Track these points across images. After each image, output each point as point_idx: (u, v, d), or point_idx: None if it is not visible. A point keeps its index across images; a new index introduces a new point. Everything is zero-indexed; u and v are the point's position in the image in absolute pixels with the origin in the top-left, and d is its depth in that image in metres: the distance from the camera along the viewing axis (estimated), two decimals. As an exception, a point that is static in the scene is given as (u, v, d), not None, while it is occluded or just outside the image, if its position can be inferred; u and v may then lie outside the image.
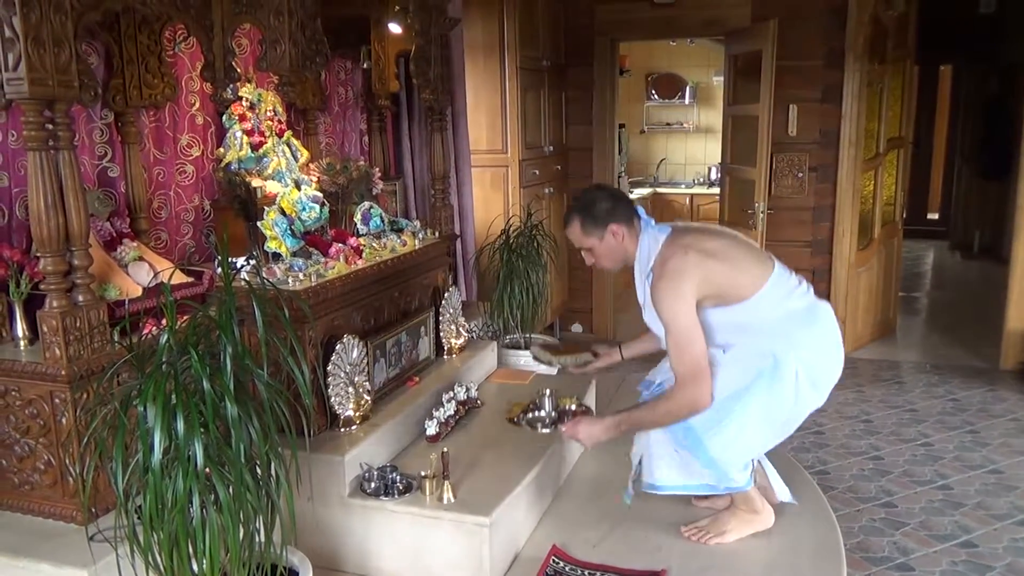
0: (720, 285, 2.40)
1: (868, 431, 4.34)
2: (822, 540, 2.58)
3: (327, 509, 2.48)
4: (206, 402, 1.69)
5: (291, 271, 2.64)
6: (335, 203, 3.24)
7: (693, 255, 2.40)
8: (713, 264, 2.39)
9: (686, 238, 2.47)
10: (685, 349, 2.34)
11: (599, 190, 2.59)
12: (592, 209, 2.52)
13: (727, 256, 2.43)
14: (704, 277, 2.38)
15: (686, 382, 2.35)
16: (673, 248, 2.44)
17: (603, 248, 2.54)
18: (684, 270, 2.37)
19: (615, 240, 2.52)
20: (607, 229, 2.51)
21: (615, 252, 2.54)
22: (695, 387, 2.34)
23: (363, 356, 2.75)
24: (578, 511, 2.77)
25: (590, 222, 2.52)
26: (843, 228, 5.44)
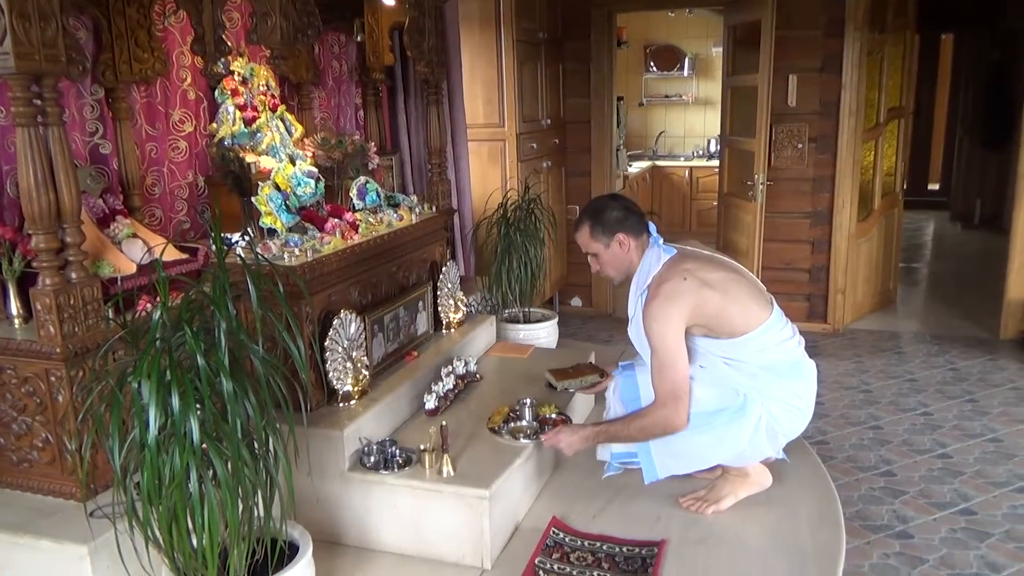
0: (711, 317, 2.42)
1: (868, 401, 4.35)
2: (822, 509, 2.59)
3: (327, 483, 2.48)
4: (201, 378, 1.69)
5: (287, 247, 2.63)
6: (331, 178, 3.22)
7: (691, 282, 2.41)
8: (709, 295, 2.40)
9: (688, 263, 2.48)
10: (667, 371, 2.38)
11: (613, 199, 2.63)
12: (602, 216, 2.55)
13: (726, 290, 2.44)
14: (697, 305, 2.40)
15: (665, 402, 2.40)
16: (673, 271, 2.46)
17: (608, 255, 2.58)
18: (678, 294, 2.39)
19: (620, 250, 2.55)
20: (614, 237, 2.54)
21: (619, 261, 2.58)
22: (673, 408, 2.39)
23: (361, 331, 2.75)
24: (577, 483, 2.78)
25: (598, 228, 2.55)
26: (843, 199, 5.41)
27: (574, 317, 6.08)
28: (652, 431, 2.44)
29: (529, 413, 2.80)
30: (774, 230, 5.48)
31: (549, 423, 2.77)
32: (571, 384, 3.04)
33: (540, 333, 4.06)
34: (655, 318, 2.39)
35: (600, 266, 2.63)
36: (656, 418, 2.41)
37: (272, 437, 1.83)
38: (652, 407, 2.43)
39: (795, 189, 5.50)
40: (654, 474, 2.54)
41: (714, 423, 2.44)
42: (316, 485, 2.48)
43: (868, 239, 5.76)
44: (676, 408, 2.38)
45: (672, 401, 2.38)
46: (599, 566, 2.32)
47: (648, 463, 2.54)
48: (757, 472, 2.62)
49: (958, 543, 2.99)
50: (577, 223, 2.62)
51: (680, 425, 2.40)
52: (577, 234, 2.63)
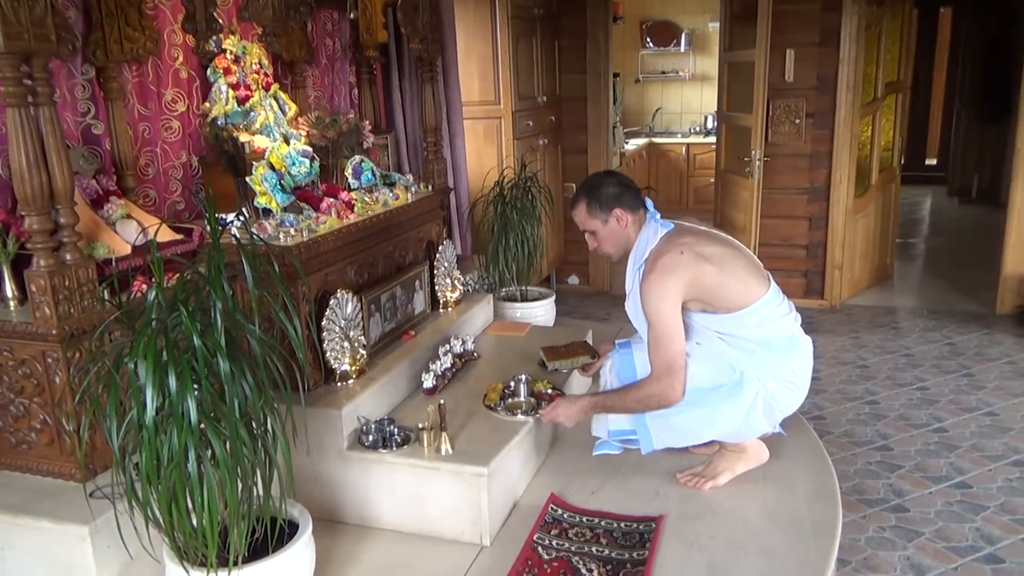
0: (708, 290, 2.42)
1: (864, 376, 4.37)
2: (818, 483, 2.60)
3: (326, 462, 2.49)
4: (198, 358, 1.68)
5: (282, 227, 2.62)
6: (325, 157, 3.21)
7: (688, 255, 2.41)
8: (706, 268, 2.40)
9: (686, 237, 2.48)
10: (664, 345, 2.38)
11: (608, 176, 2.62)
12: (598, 192, 2.55)
13: (723, 264, 2.44)
14: (694, 279, 2.40)
15: (660, 376, 2.41)
16: (670, 244, 2.46)
17: (606, 232, 2.58)
18: (676, 268, 2.39)
19: (618, 225, 2.55)
20: (611, 213, 2.54)
21: (617, 237, 2.58)
22: (668, 382, 2.40)
23: (358, 311, 2.74)
24: (575, 460, 2.79)
25: (595, 205, 2.55)
26: (840, 175, 5.40)
27: (571, 295, 6.08)
28: (648, 403, 2.45)
29: (524, 389, 2.82)
30: (771, 206, 5.48)
31: (545, 398, 2.79)
32: (562, 365, 3.05)
33: (537, 311, 4.07)
34: (652, 291, 2.40)
35: (598, 243, 2.63)
36: (652, 390, 2.42)
37: (270, 417, 1.83)
38: (648, 380, 2.44)
39: (792, 165, 5.49)
40: (650, 445, 2.57)
41: (711, 399, 2.45)
42: (315, 464, 2.49)
43: (865, 215, 5.76)
44: (671, 381, 2.39)
45: (667, 374, 2.39)
46: (597, 542, 2.33)
47: (645, 435, 2.56)
48: (754, 447, 2.64)
49: (953, 516, 3.02)
50: (574, 200, 2.62)
51: (675, 398, 2.41)
52: (574, 211, 2.63)
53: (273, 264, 1.91)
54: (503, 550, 2.33)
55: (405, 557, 2.35)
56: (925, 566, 2.73)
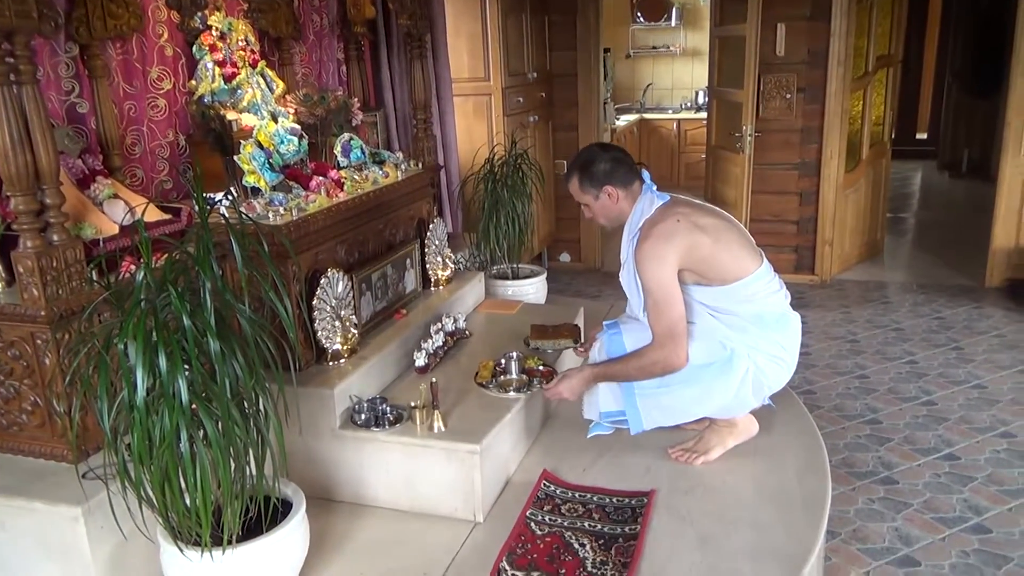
0: (704, 261, 2.42)
1: (854, 351, 4.40)
2: (808, 457, 2.63)
3: (318, 441, 2.50)
4: (188, 339, 1.68)
5: (271, 206, 2.60)
6: (314, 135, 3.18)
7: (684, 223, 2.42)
8: (701, 238, 2.40)
9: (682, 207, 2.50)
10: (664, 310, 2.38)
11: (602, 150, 2.61)
12: (590, 168, 2.55)
13: (718, 235, 2.44)
14: (690, 248, 2.40)
15: (663, 342, 2.41)
16: (666, 214, 2.47)
17: (598, 207, 2.59)
18: (672, 235, 2.39)
19: (609, 201, 2.56)
20: (603, 190, 2.55)
21: (609, 211, 2.59)
22: (671, 348, 2.40)
23: (348, 290, 2.74)
24: (567, 438, 2.81)
25: (587, 181, 2.56)
26: (831, 150, 5.40)
27: (563, 273, 6.09)
28: (651, 370, 2.45)
29: (515, 366, 2.82)
30: (762, 182, 5.48)
31: (537, 375, 2.79)
32: (544, 345, 3.05)
33: (528, 289, 4.07)
34: (648, 258, 2.39)
35: (592, 214, 2.65)
36: (655, 357, 2.42)
37: (262, 396, 1.83)
38: (650, 347, 2.44)
39: (783, 140, 5.48)
40: (640, 425, 2.57)
41: (701, 376, 2.46)
42: (308, 443, 2.49)
43: (856, 189, 5.77)
44: (675, 347, 2.39)
45: (670, 340, 2.39)
46: (590, 516, 2.35)
47: (635, 416, 2.56)
48: (744, 422, 2.65)
49: (941, 487, 3.05)
50: (567, 175, 2.63)
51: (679, 364, 2.41)
52: (568, 184, 2.65)
53: (262, 243, 1.90)
54: (496, 526, 2.35)
55: (399, 534, 2.36)
56: (913, 537, 2.77)
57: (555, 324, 3.19)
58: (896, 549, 2.71)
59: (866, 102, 5.71)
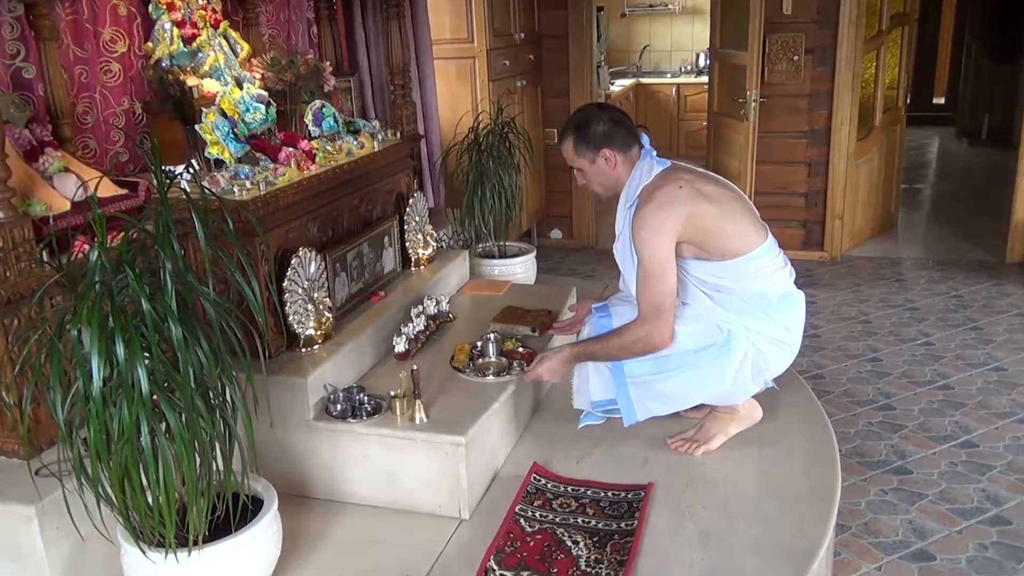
0: (706, 232, 2.42)
1: (866, 332, 4.43)
2: (816, 446, 2.65)
3: (291, 434, 2.50)
4: (147, 324, 1.67)
5: (236, 179, 2.59)
6: (282, 103, 3.16)
7: (687, 190, 2.41)
8: (705, 206, 2.40)
9: (684, 173, 2.49)
10: (653, 283, 2.38)
11: (600, 110, 2.60)
12: (587, 129, 2.53)
13: (722, 205, 2.44)
14: (692, 216, 2.39)
15: (647, 318, 2.41)
16: (667, 179, 2.46)
17: (594, 171, 2.58)
18: (673, 201, 2.39)
19: (607, 166, 2.55)
20: (599, 153, 2.53)
21: (606, 177, 2.58)
22: (655, 324, 2.40)
23: (322, 270, 2.73)
24: (559, 428, 2.82)
25: (583, 143, 2.54)
26: (842, 116, 5.40)
27: (554, 250, 6.09)
28: (632, 349, 2.46)
29: (493, 349, 2.83)
30: (768, 151, 5.49)
31: (516, 358, 2.81)
32: (502, 328, 3.06)
33: (517, 268, 4.07)
34: (645, 224, 2.39)
35: (586, 181, 2.64)
36: (637, 334, 2.43)
37: (228, 386, 1.83)
38: (633, 323, 2.45)
39: (790, 106, 5.48)
40: (633, 416, 2.58)
41: (697, 362, 2.47)
42: (279, 436, 2.49)
43: (868, 159, 5.78)
44: (658, 324, 2.39)
45: (654, 316, 2.39)
46: (583, 512, 2.37)
47: (627, 405, 2.57)
48: (747, 408, 2.67)
49: (958, 477, 3.09)
50: (561, 135, 2.62)
51: (662, 343, 2.42)
52: (561, 147, 2.63)
53: (227, 220, 1.89)
54: (483, 523, 2.36)
55: (379, 532, 2.37)
56: (928, 529, 2.80)
57: (533, 309, 3.21)
58: (910, 543, 2.75)
59: (879, 64, 5.71)
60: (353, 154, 3.08)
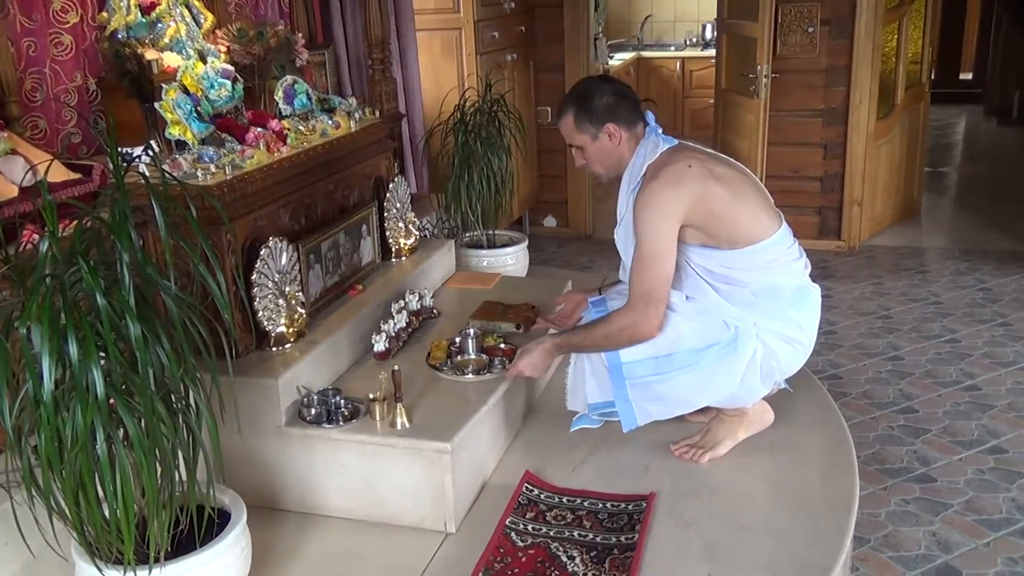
0: (716, 216, 2.42)
1: (886, 328, 4.45)
2: (832, 452, 2.66)
3: (261, 441, 2.50)
4: (103, 321, 1.67)
5: (200, 162, 2.58)
6: (250, 78, 3.15)
7: (698, 169, 2.42)
8: (716, 188, 2.41)
9: (693, 152, 2.51)
10: (648, 268, 2.39)
11: (603, 82, 2.60)
12: (589, 102, 2.53)
13: (734, 187, 2.45)
14: (701, 198, 2.40)
15: (635, 305, 2.42)
16: (676, 157, 2.47)
17: (595, 149, 2.57)
18: (681, 181, 2.39)
19: (610, 143, 2.55)
20: (603, 128, 2.53)
21: (608, 156, 2.58)
22: (643, 312, 2.41)
23: (294, 262, 2.73)
24: (554, 433, 2.83)
25: (584, 116, 2.53)
26: (860, 93, 5.42)
27: (548, 240, 6.10)
28: (618, 339, 2.46)
29: (472, 344, 2.84)
30: (780, 131, 5.50)
31: (498, 354, 2.82)
32: (479, 324, 3.06)
33: (507, 259, 4.07)
34: (649, 203, 2.39)
35: (586, 160, 2.63)
36: (623, 323, 2.43)
37: (192, 389, 1.82)
38: (621, 310, 2.46)
39: (805, 82, 5.50)
40: (633, 421, 2.58)
41: (702, 361, 2.47)
42: (248, 443, 2.49)
43: (889, 140, 5.80)
44: (646, 312, 2.40)
45: (643, 303, 2.40)
46: (580, 525, 2.38)
47: (626, 408, 2.56)
48: (756, 410, 2.69)
49: (986, 485, 3.11)
50: (560, 110, 2.60)
51: (649, 333, 2.42)
52: (560, 122, 2.61)
53: (190, 207, 1.88)
54: (471, 537, 2.37)
55: (357, 548, 2.38)
56: (954, 542, 2.82)
57: (515, 304, 3.22)
58: (934, 556, 2.77)
59: (902, 36, 5.72)
60: (328, 135, 3.08)
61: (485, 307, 3.22)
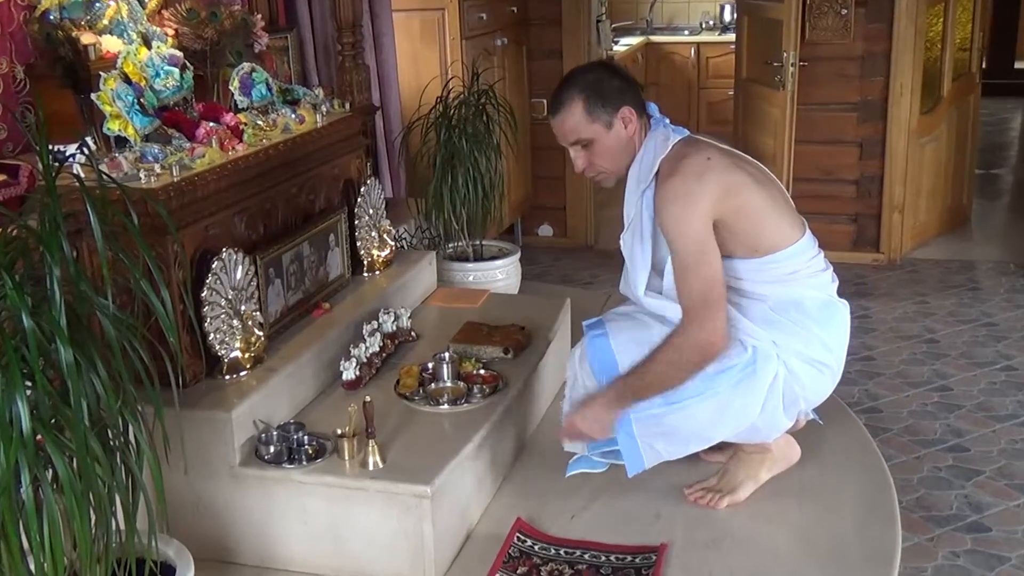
0: (742, 214, 2.44)
1: (932, 354, 4.46)
2: (870, 497, 2.67)
3: (211, 483, 2.50)
4: (30, 345, 1.67)
5: (143, 162, 2.59)
6: (202, 66, 3.16)
7: (718, 161, 2.45)
8: (742, 178, 2.45)
9: (709, 145, 2.54)
10: (693, 271, 2.38)
11: (603, 68, 2.62)
12: (600, 84, 2.52)
13: (759, 181, 2.49)
14: (728, 191, 2.42)
15: (693, 316, 2.40)
16: (691, 149, 2.50)
17: (608, 141, 2.54)
18: (703, 173, 2.41)
19: (625, 131, 2.54)
20: (618, 114, 2.52)
21: (621, 149, 2.56)
22: (704, 322, 2.39)
23: (251, 277, 2.73)
24: (548, 476, 2.83)
25: (597, 102, 2.51)
26: (901, 84, 5.44)
27: (543, 251, 6.10)
28: (685, 363, 2.41)
29: (448, 370, 2.85)
30: (810, 128, 5.52)
31: (478, 381, 2.82)
32: (460, 349, 3.07)
33: (496, 274, 4.08)
34: (675, 199, 2.39)
35: (591, 159, 2.58)
36: (687, 341, 2.39)
37: (132, 423, 1.82)
38: (677, 329, 2.42)
39: (837, 72, 5.52)
40: (640, 463, 2.57)
41: (716, 387, 2.47)
42: (197, 486, 2.49)
43: (934, 138, 5.82)
44: (707, 321, 2.36)
45: (704, 309, 2.36)
46: (580, 580, 2.38)
47: (631, 448, 2.55)
48: (780, 446, 2.69)
49: (1047, 534, 3.11)
50: (561, 100, 2.55)
51: (718, 343, 2.38)
52: (562, 115, 2.55)
53: (131, 214, 1.89)
54: (454, 595, 2.37)
55: (322, 607, 2.38)
56: (1009, 601, 2.82)
57: (503, 325, 3.22)
58: (986, 617, 2.77)
59: (948, 19, 5.76)
60: (291, 130, 3.09)
61: (467, 329, 3.22)
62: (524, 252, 4.44)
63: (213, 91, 3.26)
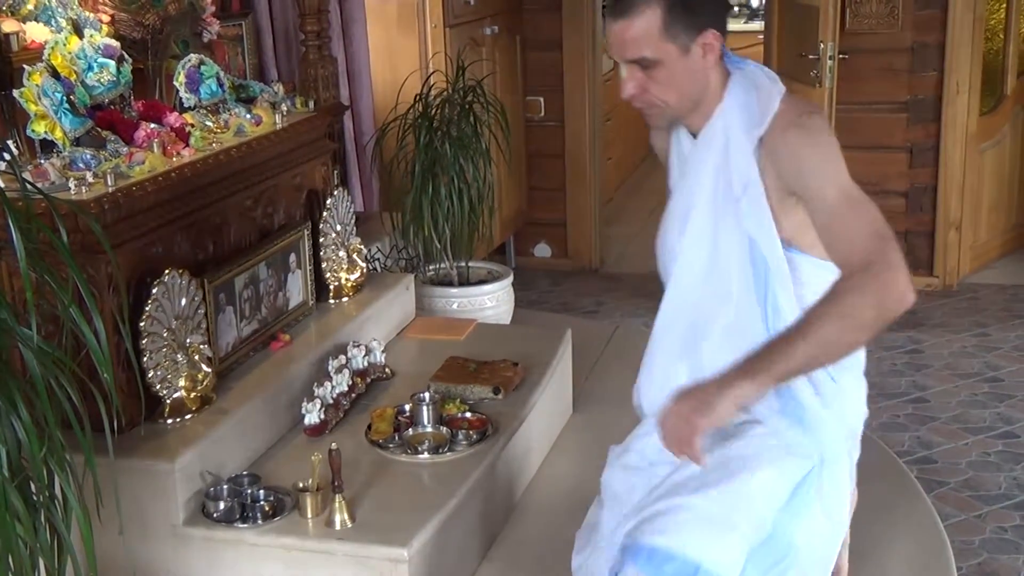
0: None
1: (995, 395, 4.47)
2: (925, 561, 2.68)
3: (151, 546, 2.50)
4: (-60, 382, 1.68)
5: (73, 169, 2.60)
6: (142, 58, 3.18)
7: None
8: None
9: None
10: (855, 208, 2.04)
11: None
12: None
13: None
14: None
15: (874, 252, 2.09)
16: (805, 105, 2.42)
17: (678, 69, 2.22)
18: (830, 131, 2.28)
19: (703, 60, 2.24)
20: (700, 37, 2.22)
21: (694, 81, 2.26)
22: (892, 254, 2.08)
23: (198, 303, 2.74)
24: (547, 536, 2.83)
25: (681, 16, 2.18)
26: (958, 80, 5.47)
27: (540, 274, 6.09)
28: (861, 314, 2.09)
29: (428, 414, 2.85)
30: (851, 131, 5.53)
31: (462, 425, 2.83)
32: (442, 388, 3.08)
33: (485, 301, 4.09)
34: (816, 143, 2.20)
35: (648, 86, 2.26)
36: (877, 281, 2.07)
37: (59, 474, 1.83)
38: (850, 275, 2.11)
39: (883, 65, 5.54)
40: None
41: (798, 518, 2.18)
42: (134, 549, 2.48)
43: (997, 143, 5.84)
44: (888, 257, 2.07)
45: (881, 242, 2.10)
46: (583, 660, 2.37)
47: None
48: None
49: None
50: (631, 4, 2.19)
51: (903, 286, 2.07)
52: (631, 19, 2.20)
53: (59, 229, 1.90)
54: None
55: None
56: None
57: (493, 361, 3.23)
58: None
59: (1012, 6, 5.80)
60: (245, 133, 3.10)
61: (451, 366, 3.22)
62: (517, 275, 4.44)
63: (155, 87, 3.27)
